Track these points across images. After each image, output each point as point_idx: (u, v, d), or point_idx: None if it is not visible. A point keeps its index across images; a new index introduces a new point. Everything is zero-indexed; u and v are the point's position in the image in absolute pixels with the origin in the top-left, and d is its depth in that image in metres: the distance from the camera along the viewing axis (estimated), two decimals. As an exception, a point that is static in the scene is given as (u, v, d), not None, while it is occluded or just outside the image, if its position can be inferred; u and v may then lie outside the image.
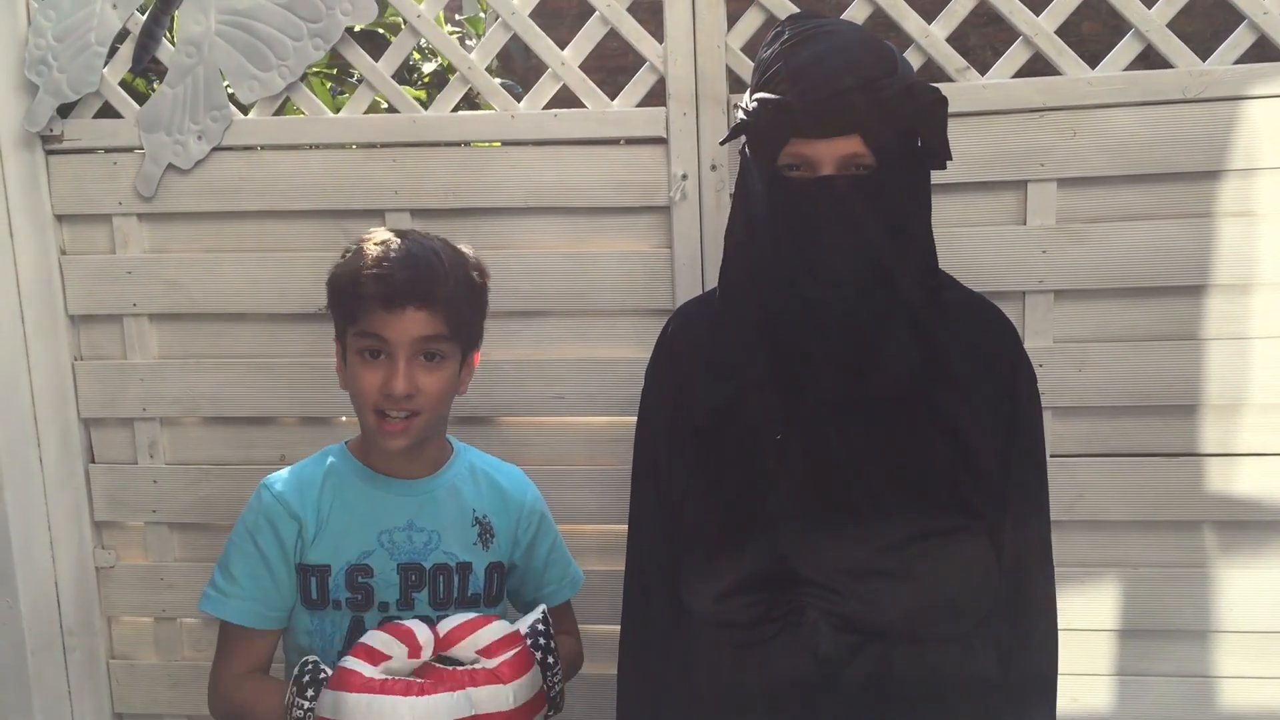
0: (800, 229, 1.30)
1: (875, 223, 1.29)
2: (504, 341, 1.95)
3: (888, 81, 1.26)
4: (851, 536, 1.33)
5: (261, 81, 1.93)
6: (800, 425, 1.34)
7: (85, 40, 1.94)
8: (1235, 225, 1.80)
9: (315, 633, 1.51)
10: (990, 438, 1.36)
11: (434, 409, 1.48)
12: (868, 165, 1.27)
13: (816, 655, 1.33)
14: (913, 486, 1.33)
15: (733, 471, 1.38)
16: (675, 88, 1.87)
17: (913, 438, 1.34)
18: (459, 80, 1.95)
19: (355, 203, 1.96)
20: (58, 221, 2.04)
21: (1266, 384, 1.82)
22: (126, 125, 1.98)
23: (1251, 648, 1.90)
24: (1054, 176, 1.82)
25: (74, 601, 2.10)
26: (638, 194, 1.91)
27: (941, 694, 1.35)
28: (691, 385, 1.43)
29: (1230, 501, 1.86)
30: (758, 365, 1.36)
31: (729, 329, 1.41)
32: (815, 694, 1.34)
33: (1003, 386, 1.40)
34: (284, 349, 2.02)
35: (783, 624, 1.35)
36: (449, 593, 1.52)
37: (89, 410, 2.07)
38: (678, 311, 1.55)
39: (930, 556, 1.33)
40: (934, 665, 1.35)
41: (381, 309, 1.42)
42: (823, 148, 1.27)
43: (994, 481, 1.37)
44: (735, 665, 1.38)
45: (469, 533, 1.55)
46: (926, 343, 1.34)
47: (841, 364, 1.32)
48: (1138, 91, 1.79)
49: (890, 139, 1.27)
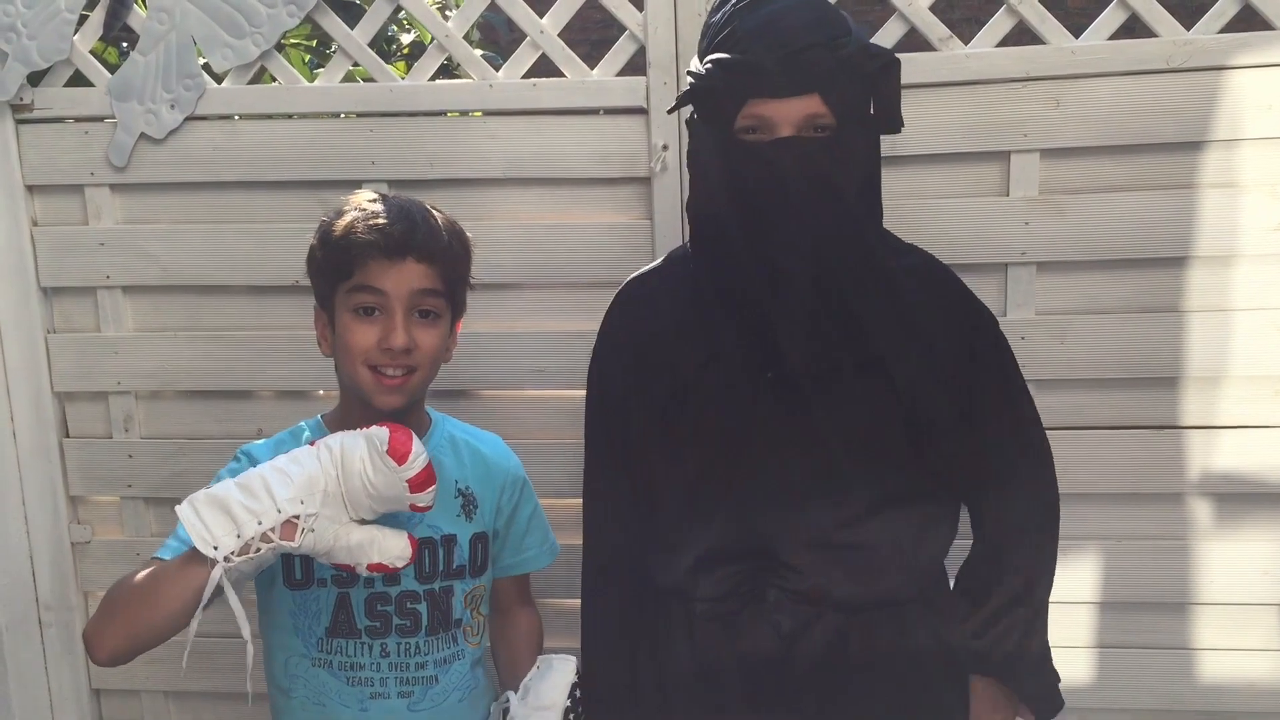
0: (760, 193, 1.27)
1: (835, 185, 1.27)
2: (485, 313, 1.93)
3: (845, 40, 1.25)
4: (814, 505, 1.34)
5: (235, 49, 1.90)
6: (766, 393, 1.34)
7: (55, 6, 1.90)
8: (1218, 197, 1.79)
9: (300, 611, 1.49)
10: (951, 401, 1.36)
11: (429, 367, 1.47)
12: (826, 126, 1.25)
13: (779, 633, 1.35)
14: (873, 453, 1.33)
15: (699, 442, 1.37)
16: (656, 56, 1.85)
17: (873, 403, 1.34)
18: (436, 49, 1.92)
19: (332, 173, 1.93)
20: (29, 192, 2.00)
21: (1248, 356, 1.82)
22: (98, 94, 1.95)
23: (1232, 620, 1.90)
24: (1037, 147, 1.81)
25: (49, 577, 2.08)
26: (618, 165, 1.89)
27: (901, 661, 1.37)
28: (650, 356, 1.42)
29: (1211, 474, 1.86)
30: (723, 333, 1.35)
31: (699, 296, 1.40)
32: (779, 668, 1.36)
33: (961, 347, 1.39)
34: (260, 321, 2.00)
35: (746, 599, 1.36)
36: (434, 565, 1.51)
37: (63, 384, 2.05)
38: (627, 284, 1.52)
39: (890, 525, 1.35)
40: (892, 633, 1.37)
41: (382, 257, 1.39)
42: (781, 108, 1.25)
43: (959, 445, 1.37)
44: (704, 638, 1.39)
45: (452, 505, 1.53)
46: (885, 305, 1.33)
47: (806, 329, 1.31)
48: (1121, 61, 1.77)
49: (849, 99, 1.26)
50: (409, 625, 1.50)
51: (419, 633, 1.50)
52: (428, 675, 1.51)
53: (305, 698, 1.51)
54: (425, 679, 1.51)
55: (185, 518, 1.24)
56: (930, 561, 1.42)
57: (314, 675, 1.50)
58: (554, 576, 1.72)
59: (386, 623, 1.49)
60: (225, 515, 1.23)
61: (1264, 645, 1.90)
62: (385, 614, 1.49)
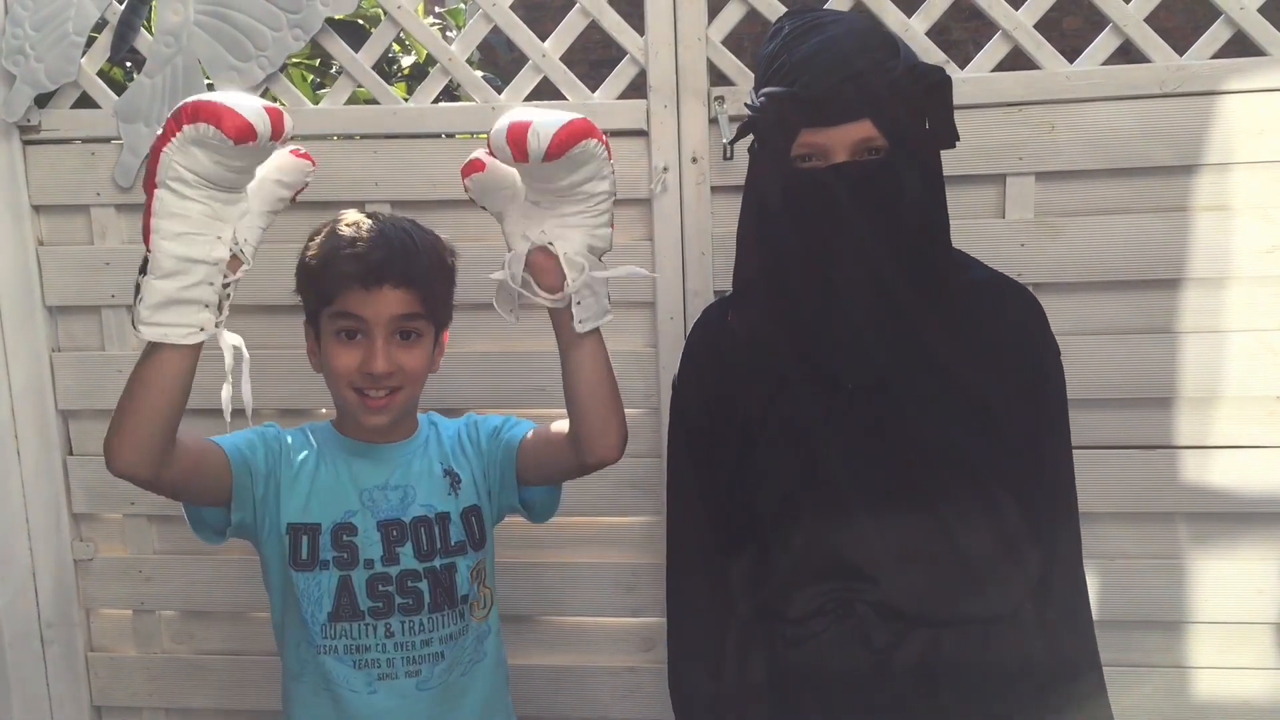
0: (818, 218, 1.30)
1: (892, 205, 1.30)
2: (485, 334, 1.95)
3: (893, 64, 1.27)
4: (894, 521, 1.34)
5: (241, 72, 1.92)
6: (835, 413, 1.35)
7: (63, 30, 1.92)
8: (1211, 219, 1.81)
9: (304, 594, 1.52)
10: (1021, 416, 1.37)
11: (414, 384, 1.51)
12: (880, 148, 1.28)
13: (870, 646, 1.34)
14: (949, 466, 1.34)
15: (778, 466, 1.38)
16: (656, 80, 1.87)
17: (945, 419, 1.34)
18: (439, 72, 1.95)
19: (336, 194, 1.94)
20: (35, 212, 2.02)
21: (1241, 377, 1.84)
22: (104, 115, 1.97)
23: (1225, 638, 1.92)
24: (1032, 170, 1.83)
25: (52, 594, 2.09)
26: (619, 186, 1.89)
27: (991, 675, 1.35)
28: (728, 381, 1.44)
29: (1206, 493, 1.88)
30: (792, 356, 1.37)
31: (749, 329, 1.42)
32: (869, 684, 1.35)
33: (1031, 365, 1.40)
34: (265, 341, 2.01)
35: (833, 616, 1.36)
36: (431, 543, 1.54)
37: (67, 402, 2.06)
38: (704, 312, 1.56)
39: (971, 537, 1.34)
40: (982, 647, 1.35)
41: (359, 287, 1.43)
42: (834, 135, 1.27)
43: (1027, 459, 1.37)
44: (790, 659, 1.39)
45: (441, 484, 1.57)
46: (951, 322, 1.35)
47: (869, 349, 1.33)
48: (1115, 86, 1.80)
49: (900, 120, 1.28)
50: (411, 604, 1.52)
51: (422, 611, 1.53)
52: (434, 652, 1.54)
53: (314, 683, 1.54)
54: (432, 656, 1.53)
55: (150, 335, 1.25)
56: (1020, 578, 1.39)
57: (321, 661, 1.52)
58: (561, 595, 1.72)
59: (389, 603, 1.51)
60: (179, 306, 1.25)
61: (1258, 664, 1.92)
62: (387, 594, 1.51)
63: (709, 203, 1.88)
